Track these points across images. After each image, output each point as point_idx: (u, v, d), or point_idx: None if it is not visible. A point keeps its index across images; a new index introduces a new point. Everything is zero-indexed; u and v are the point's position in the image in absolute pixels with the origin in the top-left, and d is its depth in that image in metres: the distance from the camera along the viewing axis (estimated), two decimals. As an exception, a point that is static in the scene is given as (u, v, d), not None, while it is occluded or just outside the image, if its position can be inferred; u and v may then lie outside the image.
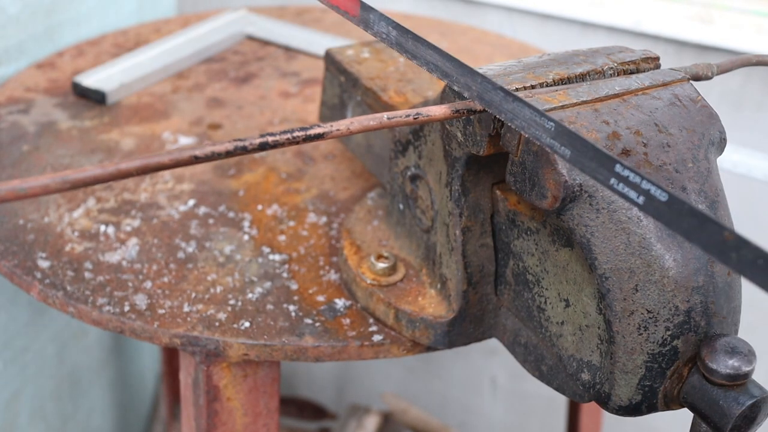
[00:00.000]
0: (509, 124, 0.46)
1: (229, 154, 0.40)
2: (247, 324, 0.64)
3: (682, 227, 0.37)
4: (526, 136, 0.45)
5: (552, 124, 0.43)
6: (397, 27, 0.51)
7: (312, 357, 0.64)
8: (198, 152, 0.39)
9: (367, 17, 0.52)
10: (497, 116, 0.47)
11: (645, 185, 0.38)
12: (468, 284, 0.60)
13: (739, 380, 0.47)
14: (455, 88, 0.49)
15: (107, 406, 1.37)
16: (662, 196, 0.38)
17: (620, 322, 0.49)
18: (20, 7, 1.02)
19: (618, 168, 0.39)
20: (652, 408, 0.51)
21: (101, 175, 0.36)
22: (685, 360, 0.50)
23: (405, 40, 0.50)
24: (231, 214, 0.76)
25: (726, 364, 0.47)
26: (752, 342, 0.52)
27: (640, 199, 0.38)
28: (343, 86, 0.77)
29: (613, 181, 0.40)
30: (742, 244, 0.34)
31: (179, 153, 0.38)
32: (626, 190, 0.39)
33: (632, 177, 0.39)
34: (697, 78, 0.58)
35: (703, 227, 0.36)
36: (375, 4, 1.38)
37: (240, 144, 0.40)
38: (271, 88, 1.00)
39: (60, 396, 1.22)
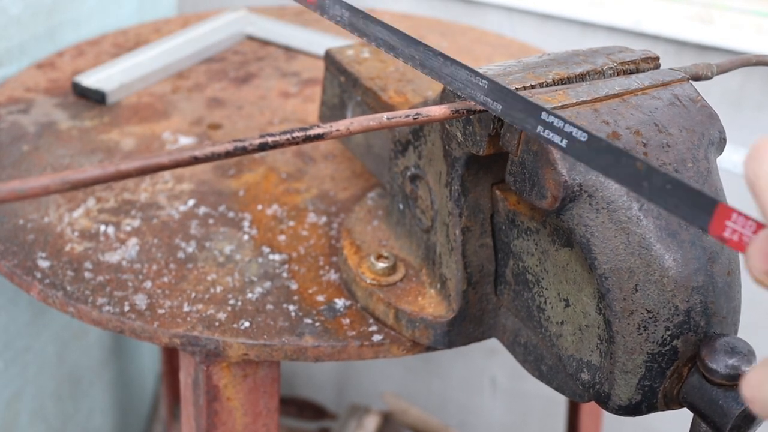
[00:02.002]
0: (449, 87, 0.50)
1: (228, 154, 0.40)
2: (246, 324, 0.64)
3: (600, 164, 0.39)
4: (462, 96, 0.49)
5: (485, 81, 0.47)
6: (350, 8, 0.53)
7: (312, 357, 0.64)
8: (197, 153, 0.39)
9: (323, 2, 0.54)
10: (438, 81, 0.50)
11: (567, 128, 0.41)
12: (468, 284, 0.60)
13: (739, 380, 0.47)
14: (401, 59, 0.51)
15: (107, 406, 1.37)
16: (582, 137, 0.40)
17: (620, 322, 0.49)
18: (22, 7, 1.02)
19: (543, 115, 0.42)
20: (651, 408, 0.51)
21: (101, 175, 0.36)
22: (685, 360, 0.50)
23: (356, 19, 0.52)
24: (231, 214, 0.76)
25: (726, 364, 0.47)
26: (752, 342, 0.52)
27: (564, 143, 0.41)
28: (343, 86, 0.77)
29: (539, 128, 0.43)
30: (652, 171, 0.36)
31: (179, 153, 0.38)
32: (552, 136, 0.42)
33: (557, 122, 0.42)
34: (697, 78, 0.58)
35: (619, 161, 0.38)
36: (375, 5, 1.38)
37: (239, 144, 0.40)
38: (271, 88, 1.00)
39: (60, 396, 1.22)
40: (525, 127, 0.44)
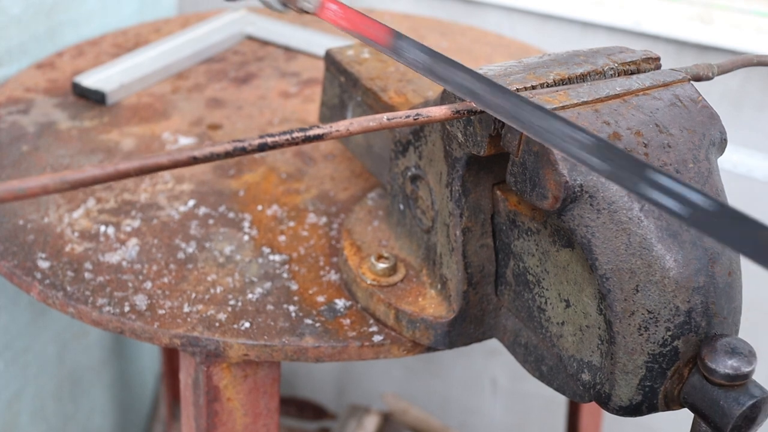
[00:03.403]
0: (543, 142, 0.43)
1: (228, 155, 0.40)
2: (247, 324, 0.64)
3: (730, 237, 0.32)
4: (561, 152, 0.42)
5: (590, 138, 0.41)
6: (429, 52, 0.50)
7: (312, 357, 0.64)
8: (197, 153, 0.39)
9: (397, 45, 0.52)
10: (533, 136, 0.44)
11: (685, 192, 0.35)
12: (468, 285, 0.60)
13: (740, 380, 0.47)
14: (487, 110, 0.47)
15: (107, 406, 1.37)
16: (706, 204, 0.34)
17: (621, 323, 0.49)
18: (22, 7, 1.02)
19: (654, 175, 0.36)
20: (652, 408, 0.51)
21: (100, 175, 0.36)
22: (686, 360, 0.50)
23: (436, 64, 0.49)
24: (231, 215, 0.76)
25: (726, 365, 0.47)
26: (753, 342, 0.52)
27: (683, 210, 0.35)
28: (343, 86, 0.77)
29: (651, 192, 0.37)
30: None
31: (178, 154, 0.38)
32: (665, 200, 0.36)
33: (670, 184, 0.36)
34: (698, 78, 0.58)
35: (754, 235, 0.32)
36: (375, 5, 1.37)
37: (239, 145, 0.40)
38: (271, 88, 1.00)
39: (61, 396, 1.22)
40: (636, 191, 0.38)
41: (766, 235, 0.32)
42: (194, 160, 0.39)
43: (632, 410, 0.51)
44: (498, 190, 0.58)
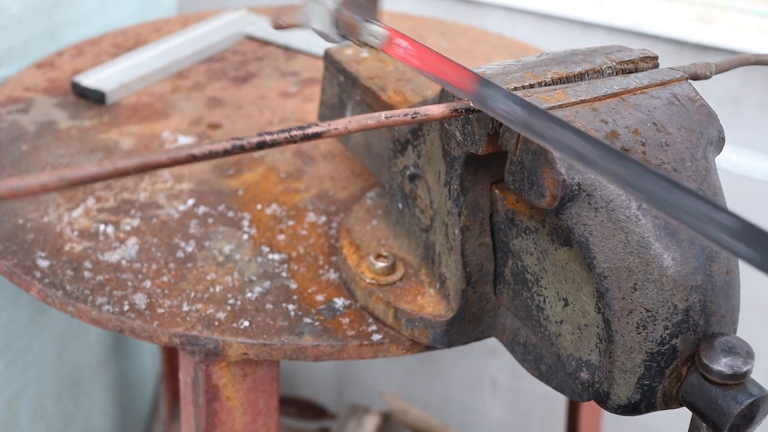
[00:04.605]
0: (673, 220, 0.37)
1: (226, 153, 0.40)
2: (246, 323, 0.64)
3: None
4: (697, 232, 0.35)
5: (736, 221, 0.34)
6: (522, 104, 0.44)
7: (311, 356, 0.64)
8: (196, 151, 0.39)
9: (484, 94, 0.46)
10: (663, 214, 0.38)
11: None
12: (467, 283, 0.60)
13: (738, 379, 0.47)
14: (600, 176, 0.40)
15: (107, 405, 1.37)
16: None
17: (619, 321, 0.49)
18: (22, 7, 1.02)
19: None
20: (650, 407, 0.51)
21: (99, 173, 0.36)
22: (684, 359, 0.50)
23: (534, 119, 0.43)
24: (230, 214, 0.76)
25: (725, 363, 0.47)
26: (751, 341, 0.52)
27: None
28: (342, 86, 0.77)
29: None
30: None
31: (177, 152, 0.38)
32: None
33: None
34: (696, 77, 0.58)
35: None
36: (375, 4, 1.36)
37: (238, 143, 0.40)
38: (271, 87, 1.00)
39: (60, 396, 1.22)
40: None
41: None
42: (193, 158, 0.39)
43: (631, 409, 0.51)
44: (496, 189, 0.58)
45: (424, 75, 0.52)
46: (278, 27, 0.62)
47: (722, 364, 0.47)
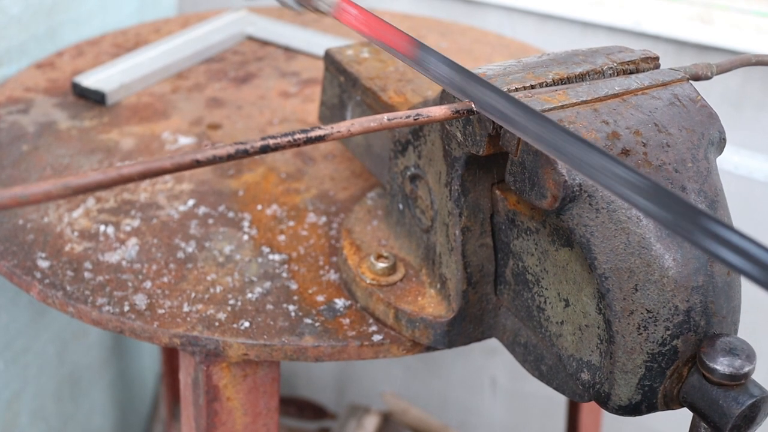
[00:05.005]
0: (591, 180, 0.40)
1: (230, 157, 0.40)
2: (246, 324, 0.64)
3: None
4: (611, 192, 0.39)
5: (642, 180, 0.37)
6: (453, 66, 0.47)
7: (312, 357, 0.64)
8: (199, 156, 0.39)
9: (422, 57, 0.50)
10: (569, 166, 0.42)
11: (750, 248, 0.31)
12: (467, 284, 0.60)
13: (739, 380, 0.47)
14: (518, 134, 0.44)
15: (107, 406, 1.37)
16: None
17: (620, 322, 0.49)
18: (22, 7, 1.02)
19: (707, 222, 0.33)
20: (651, 408, 0.51)
21: (103, 180, 0.36)
22: (685, 360, 0.50)
23: (462, 79, 0.47)
24: (231, 214, 0.76)
25: (726, 364, 0.47)
26: (752, 342, 0.52)
27: (753, 269, 0.32)
28: (342, 86, 0.77)
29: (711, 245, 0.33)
30: None
31: (181, 157, 0.38)
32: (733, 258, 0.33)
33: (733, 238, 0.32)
34: (697, 78, 0.58)
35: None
36: (375, 5, 1.37)
37: (241, 147, 0.40)
38: (271, 88, 1.00)
39: (60, 396, 1.22)
40: (693, 240, 0.35)
41: None
42: (197, 164, 0.39)
43: (631, 410, 0.51)
44: (497, 190, 0.58)
45: (369, 41, 0.55)
46: None
47: (723, 365, 0.47)
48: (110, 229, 0.74)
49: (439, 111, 0.48)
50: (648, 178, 0.38)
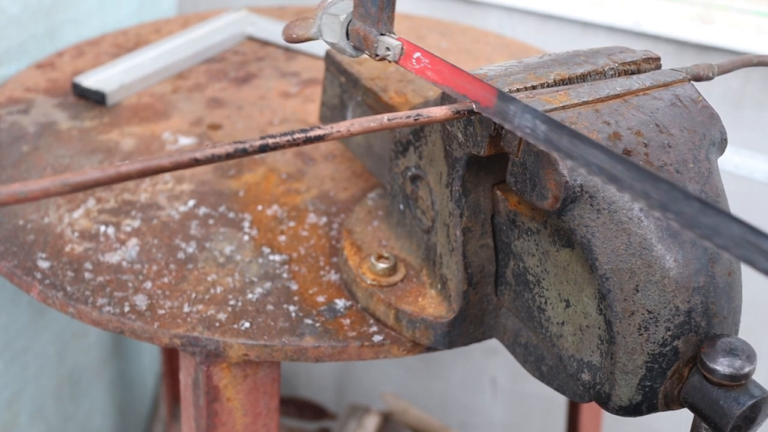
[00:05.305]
0: (707, 241, 0.35)
1: (229, 156, 0.40)
2: (247, 324, 0.64)
3: None
4: (735, 256, 0.34)
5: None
6: (547, 121, 0.43)
7: (312, 357, 0.64)
8: (198, 155, 0.39)
9: (505, 109, 0.45)
10: (693, 233, 0.36)
11: None
12: (468, 285, 0.60)
13: (740, 380, 0.47)
14: (627, 194, 0.39)
15: (107, 406, 1.37)
16: None
17: (621, 323, 0.49)
18: (21, 7, 1.02)
19: None
20: (652, 408, 0.51)
21: (101, 178, 0.36)
22: (686, 360, 0.50)
23: (558, 136, 0.42)
24: (231, 215, 0.76)
25: (726, 365, 0.47)
26: (753, 342, 0.52)
27: None
28: (343, 87, 0.77)
29: None
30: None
31: (179, 156, 0.38)
32: None
33: None
34: (698, 78, 0.58)
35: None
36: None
37: (240, 146, 0.40)
38: (271, 88, 1.00)
39: (60, 396, 1.22)
40: None
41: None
42: (196, 162, 0.39)
43: (632, 410, 0.51)
44: (498, 190, 0.58)
45: (441, 89, 0.51)
46: (290, 40, 0.60)
47: (724, 366, 0.47)
48: (110, 230, 0.74)
49: (440, 111, 0.48)
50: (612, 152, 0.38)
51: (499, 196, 0.58)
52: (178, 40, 1.07)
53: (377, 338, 0.64)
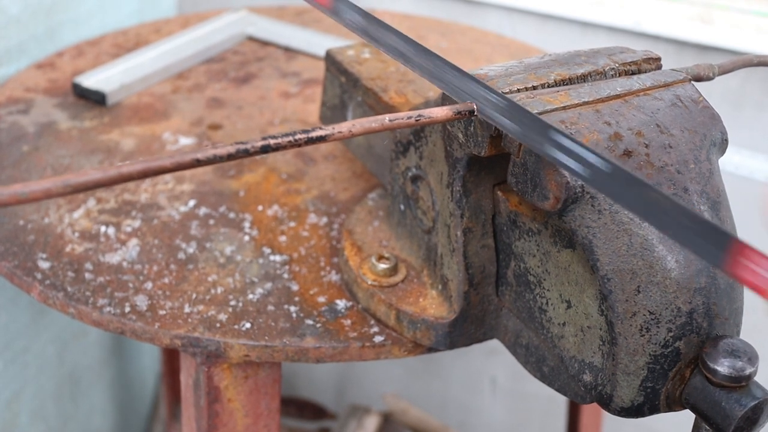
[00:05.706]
0: (458, 99, 0.48)
1: (230, 157, 0.40)
2: (248, 325, 0.64)
3: (629, 201, 0.37)
4: (477, 110, 0.47)
5: (500, 99, 0.46)
6: (364, 14, 0.53)
7: (313, 358, 0.63)
8: (200, 155, 0.39)
9: (337, 6, 0.54)
10: (451, 95, 0.50)
11: (581, 151, 0.40)
12: (469, 285, 0.59)
13: (742, 382, 0.47)
14: (413, 70, 0.51)
15: (107, 406, 1.37)
16: (595, 160, 0.39)
17: (622, 324, 0.49)
18: (21, 7, 1.02)
19: (554, 135, 0.42)
20: (654, 409, 0.51)
21: (103, 178, 0.36)
22: (687, 361, 0.50)
23: (371, 26, 0.52)
24: (231, 215, 0.76)
25: (728, 366, 0.47)
26: (754, 343, 0.52)
27: (580, 168, 0.40)
28: (343, 87, 0.77)
29: (554, 152, 0.42)
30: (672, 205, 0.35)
31: (181, 156, 0.38)
32: (566, 159, 0.41)
33: (569, 144, 0.41)
34: (699, 78, 0.58)
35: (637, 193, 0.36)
36: (376, 5, 1.37)
37: (242, 147, 0.40)
38: (271, 88, 1.00)
39: (60, 396, 1.22)
40: (541, 150, 0.44)
41: (652, 195, 0.36)
42: (197, 163, 0.39)
43: (634, 411, 0.51)
44: (499, 191, 0.58)
45: None
46: None
47: (726, 367, 0.47)
48: (111, 230, 0.74)
49: (441, 112, 0.48)
50: (506, 97, 0.46)
51: (500, 196, 0.58)
52: (178, 40, 1.07)
53: (378, 339, 0.64)
